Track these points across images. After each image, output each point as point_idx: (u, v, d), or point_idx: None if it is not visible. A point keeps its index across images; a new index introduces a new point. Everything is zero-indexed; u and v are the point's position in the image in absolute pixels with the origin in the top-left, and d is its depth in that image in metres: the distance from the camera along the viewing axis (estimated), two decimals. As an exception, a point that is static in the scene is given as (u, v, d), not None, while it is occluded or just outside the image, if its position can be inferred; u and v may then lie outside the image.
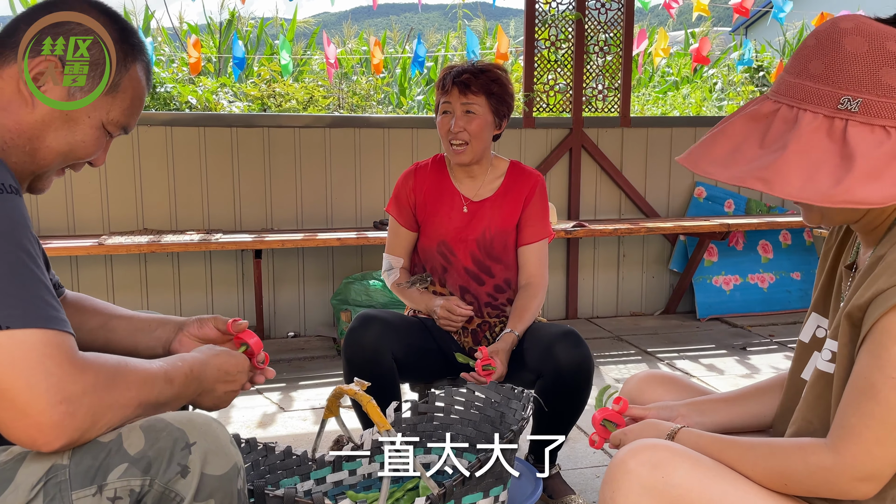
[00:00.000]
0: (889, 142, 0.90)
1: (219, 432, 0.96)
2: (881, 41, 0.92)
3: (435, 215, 2.07)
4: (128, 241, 3.23)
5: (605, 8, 4.01)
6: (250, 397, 2.94)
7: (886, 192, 0.88)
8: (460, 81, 1.96)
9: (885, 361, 0.91)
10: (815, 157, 0.90)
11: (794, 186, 0.89)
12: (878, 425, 0.91)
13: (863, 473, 0.92)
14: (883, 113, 0.90)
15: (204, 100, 5.10)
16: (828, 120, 0.91)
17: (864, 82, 0.91)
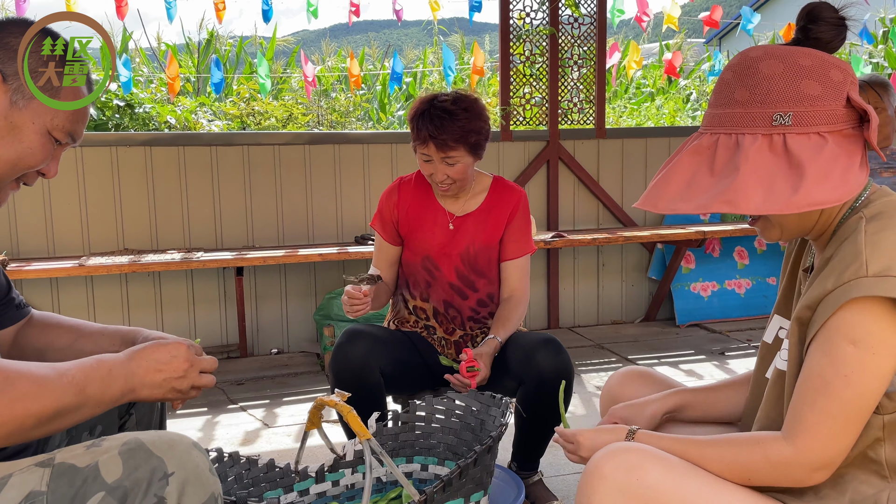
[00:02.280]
0: (827, 145, 0.97)
1: (198, 460, 0.95)
2: (793, 58, 0.99)
3: (419, 230, 2.09)
4: (108, 262, 3.23)
5: (578, 23, 4.08)
6: (234, 414, 2.94)
7: (839, 190, 0.95)
8: (438, 140, 1.91)
9: (837, 359, 0.96)
10: (766, 171, 0.96)
11: (757, 201, 0.94)
12: (833, 421, 0.96)
13: (819, 464, 0.98)
14: (814, 120, 0.97)
15: (183, 119, 5.12)
16: (767, 137, 0.98)
17: (789, 96, 0.98)
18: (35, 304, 3.46)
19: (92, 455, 0.93)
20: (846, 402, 0.95)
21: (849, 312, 0.94)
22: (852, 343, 0.94)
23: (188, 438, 0.98)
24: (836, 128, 0.98)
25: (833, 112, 0.98)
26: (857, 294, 0.93)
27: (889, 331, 0.94)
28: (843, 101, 0.98)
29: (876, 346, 0.93)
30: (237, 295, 3.57)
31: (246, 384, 3.32)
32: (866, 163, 1.00)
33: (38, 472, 0.92)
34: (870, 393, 0.95)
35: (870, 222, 0.98)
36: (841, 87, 0.98)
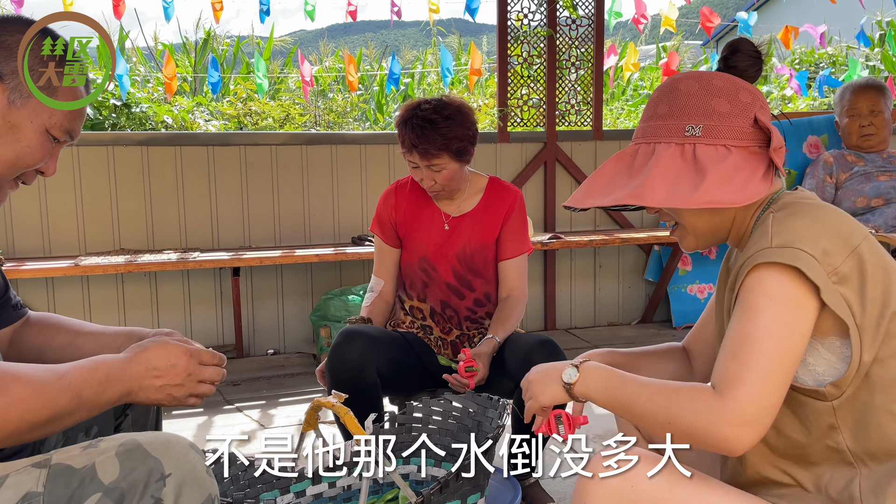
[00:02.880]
0: (731, 156, 1.08)
1: (195, 461, 0.95)
2: (708, 79, 1.12)
3: (416, 231, 2.10)
4: (104, 262, 3.22)
5: (576, 24, 4.09)
6: (229, 415, 2.94)
7: (737, 193, 1.05)
8: (421, 148, 1.93)
9: (754, 313, 1.00)
10: (673, 173, 1.08)
11: (661, 196, 1.06)
12: (756, 371, 0.97)
13: (744, 418, 0.96)
14: (722, 134, 1.09)
15: (180, 119, 5.11)
16: (679, 146, 1.10)
17: (701, 111, 1.10)
18: (30, 303, 3.44)
19: (88, 456, 0.92)
20: (767, 353, 0.97)
21: (761, 273, 1.00)
22: (768, 297, 0.99)
23: (185, 439, 0.98)
24: (742, 143, 1.09)
25: (740, 129, 1.09)
26: (764, 260, 1.00)
27: (800, 292, 0.98)
28: (751, 121, 1.09)
29: (790, 302, 0.98)
30: (233, 295, 3.56)
31: (242, 385, 3.32)
32: (771, 177, 1.09)
33: (35, 472, 0.92)
34: (789, 346, 0.98)
35: (777, 212, 1.07)
36: (749, 107, 1.10)
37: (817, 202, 1.10)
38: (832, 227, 1.02)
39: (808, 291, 0.98)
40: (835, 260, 0.99)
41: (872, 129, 2.83)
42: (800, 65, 7.90)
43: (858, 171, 2.79)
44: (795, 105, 6.81)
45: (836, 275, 0.99)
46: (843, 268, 0.99)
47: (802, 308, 0.98)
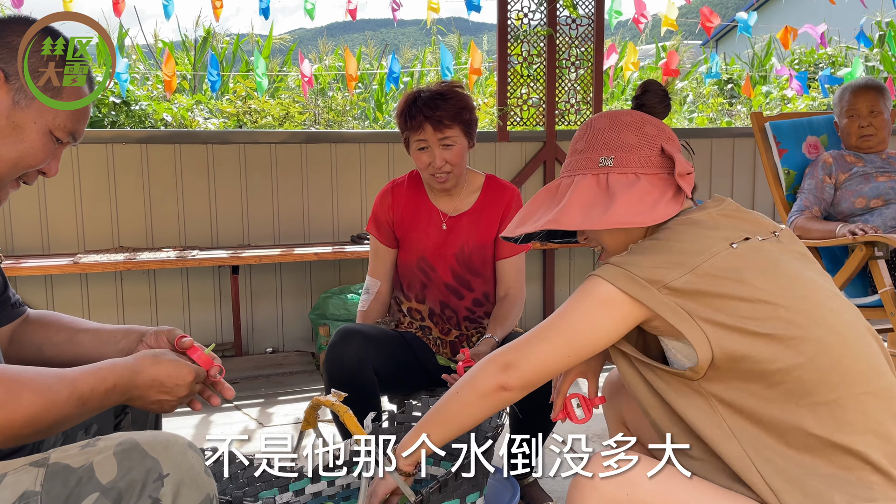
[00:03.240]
0: (640, 182, 1.20)
1: (193, 461, 0.95)
2: (618, 116, 1.27)
3: (413, 231, 2.09)
4: (103, 260, 3.22)
5: (576, 24, 4.09)
6: (228, 413, 2.94)
7: (644, 215, 1.18)
8: (434, 118, 1.94)
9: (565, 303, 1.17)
10: (588, 200, 1.21)
11: (576, 219, 1.19)
12: (534, 332, 1.17)
13: (503, 361, 1.16)
14: (631, 163, 1.22)
15: (179, 117, 5.10)
16: (594, 176, 1.23)
17: (612, 144, 1.24)
18: (29, 301, 3.44)
19: (87, 455, 0.92)
20: (552, 323, 1.15)
21: (588, 280, 1.16)
22: (581, 293, 1.15)
23: (183, 439, 0.98)
24: (650, 171, 1.21)
25: (648, 158, 1.22)
26: (596, 272, 1.15)
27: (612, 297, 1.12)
28: (658, 151, 1.22)
29: (597, 300, 1.13)
30: (232, 293, 3.56)
31: (241, 383, 3.32)
32: (680, 201, 1.20)
33: (33, 471, 0.92)
34: (576, 327, 1.13)
35: (649, 238, 1.19)
36: (655, 139, 1.23)
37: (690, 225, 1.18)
38: (675, 249, 1.14)
39: (625, 300, 1.12)
40: (665, 277, 1.11)
41: (872, 130, 2.83)
42: (799, 65, 7.90)
43: (858, 172, 2.79)
44: (795, 105, 6.82)
45: (668, 289, 1.10)
46: (676, 283, 1.10)
47: (607, 307, 1.13)
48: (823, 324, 1.10)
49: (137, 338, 1.30)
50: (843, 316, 1.13)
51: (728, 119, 6.99)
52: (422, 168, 2.02)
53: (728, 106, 7.37)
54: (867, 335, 1.14)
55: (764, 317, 1.08)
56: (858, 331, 1.13)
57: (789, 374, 1.07)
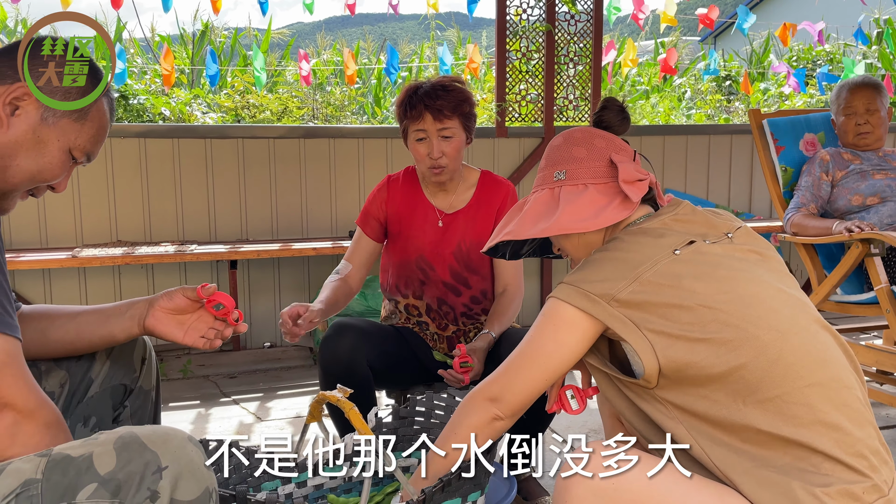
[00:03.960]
0: (588, 192, 1.29)
1: (193, 455, 0.96)
2: (571, 134, 1.36)
3: (409, 228, 2.08)
4: (101, 254, 3.22)
5: (575, 20, 4.09)
6: (226, 408, 2.95)
7: (588, 221, 1.26)
8: (434, 108, 1.95)
9: (532, 327, 1.26)
10: (538, 212, 1.31)
11: (527, 229, 1.29)
12: (508, 363, 1.25)
13: (488, 395, 1.25)
14: (580, 174, 1.31)
15: (177, 111, 5.09)
16: (550, 190, 1.33)
17: (563, 158, 1.34)
18: (27, 295, 3.45)
19: (87, 447, 0.94)
20: (523, 352, 1.24)
21: (551, 300, 1.23)
22: (544, 317, 1.23)
23: (183, 433, 0.99)
24: (600, 181, 1.30)
25: (597, 169, 1.30)
26: (553, 293, 1.23)
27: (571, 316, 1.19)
28: (606, 162, 1.30)
29: (558, 322, 1.20)
30: (230, 288, 3.56)
31: (239, 377, 3.33)
32: (628, 206, 1.27)
33: (35, 460, 0.94)
34: (548, 355, 1.21)
35: (601, 249, 1.26)
36: (604, 151, 1.31)
37: (639, 234, 1.24)
38: (622, 260, 1.21)
39: (582, 317, 1.19)
40: (611, 290, 1.18)
41: (868, 128, 2.84)
42: (797, 62, 7.91)
43: (854, 170, 2.80)
44: (793, 102, 6.83)
45: (616, 300, 1.17)
46: (622, 294, 1.17)
47: (569, 325, 1.20)
48: (760, 323, 1.13)
49: (146, 305, 1.34)
50: (782, 312, 1.16)
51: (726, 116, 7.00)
52: (419, 160, 2.02)
53: (726, 103, 7.38)
54: (813, 326, 1.18)
55: (703, 321, 1.13)
56: (801, 324, 1.16)
57: (732, 375, 1.11)
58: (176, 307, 1.35)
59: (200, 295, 1.34)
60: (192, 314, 1.37)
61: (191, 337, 1.36)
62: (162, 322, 1.34)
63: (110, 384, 1.40)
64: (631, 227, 1.29)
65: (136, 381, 1.44)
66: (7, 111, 1.11)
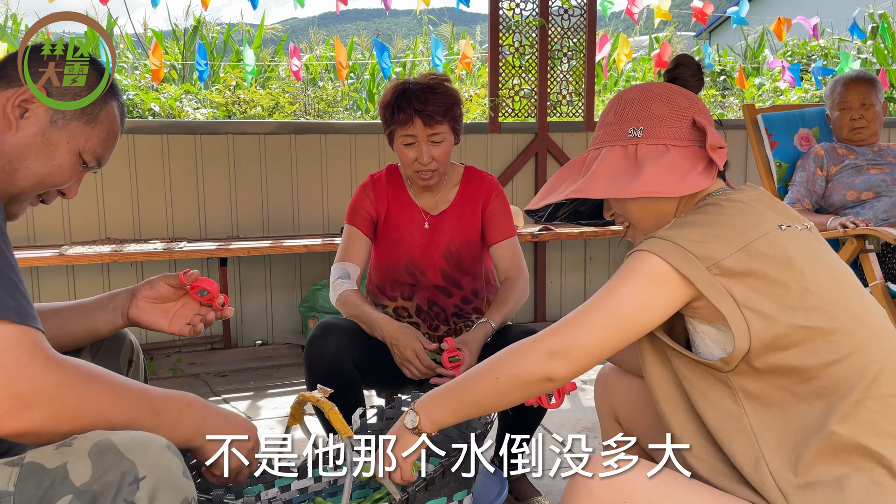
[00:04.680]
0: (670, 153, 1.15)
1: (171, 464, 0.93)
2: (648, 88, 1.23)
3: (396, 231, 2.03)
4: (89, 251, 3.18)
5: (568, 14, 4.06)
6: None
7: (674, 185, 1.12)
8: (426, 114, 1.88)
9: (612, 280, 1.10)
10: (615, 169, 1.16)
11: (602, 187, 1.15)
12: (580, 312, 1.09)
13: (552, 347, 1.07)
14: (662, 134, 1.17)
15: (167, 107, 5.05)
16: (623, 147, 1.18)
17: (641, 115, 1.19)
18: (15, 293, 3.40)
19: (61, 455, 0.90)
20: (601, 303, 1.07)
21: (635, 254, 1.09)
22: (628, 270, 1.08)
23: (162, 440, 0.95)
24: (681, 143, 1.16)
25: (679, 130, 1.17)
26: (642, 247, 1.08)
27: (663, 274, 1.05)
28: (689, 123, 1.17)
29: (646, 277, 1.06)
30: (221, 286, 3.52)
31: (229, 376, 3.29)
32: (712, 173, 1.14)
33: (7, 471, 0.90)
34: (625, 307, 1.06)
35: (693, 212, 1.13)
36: (687, 111, 1.18)
37: (735, 202, 1.14)
38: (727, 225, 1.08)
39: (675, 278, 1.05)
40: (716, 254, 1.04)
41: (863, 123, 2.82)
42: (792, 57, 7.90)
43: (849, 165, 2.78)
44: (787, 97, 6.81)
45: (718, 268, 1.04)
46: (728, 262, 1.04)
47: (657, 284, 1.05)
48: (858, 321, 1.05)
49: (128, 295, 1.33)
50: (875, 314, 1.09)
51: (720, 111, 6.98)
52: (406, 164, 1.96)
53: (721, 98, 7.36)
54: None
55: (807, 307, 1.03)
56: (890, 329, 1.09)
57: (823, 370, 1.03)
58: (159, 295, 1.33)
59: (183, 282, 1.33)
60: (175, 302, 1.36)
61: (176, 325, 1.35)
62: (146, 312, 1.33)
63: None
64: (718, 196, 1.16)
65: None
66: (16, 114, 1.11)
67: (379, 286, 2.08)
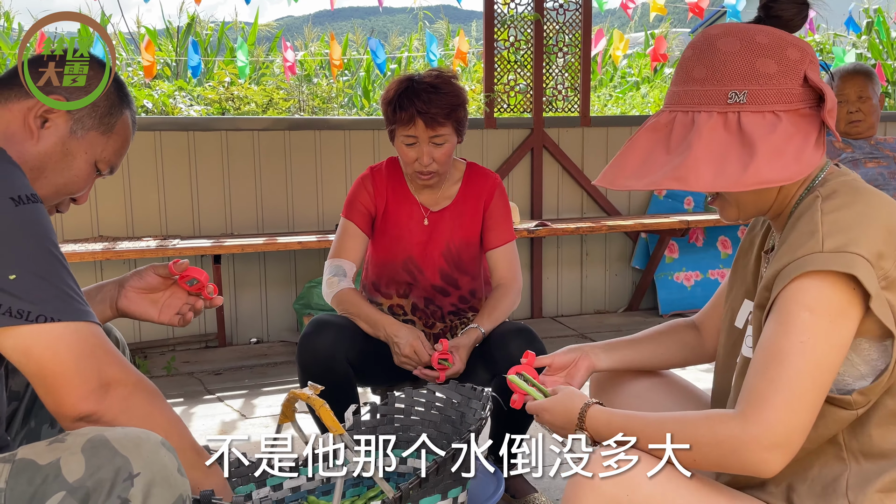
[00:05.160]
0: (781, 124, 0.96)
1: (166, 460, 0.92)
2: (751, 36, 0.99)
3: (395, 227, 2.00)
4: (81, 249, 3.16)
5: (564, 9, 4.04)
6: (210, 405, 2.89)
7: (791, 168, 0.95)
8: (428, 116, 1.83)
9: (790, 327, 0.92)
10: (718, 149, 0.96)
11: (707, 179, 0.95)
12: (787, 390, 0.90)
13: (771, 441, 0.90)
14: (769, 99, 0.97)
15: (160, 103, 5.01)
16: (721, 115, 0.98)
17: (745, 75, 0.98)
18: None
19: (54, 452, 0.89)
20: (801, 370, 0.90)
21: (805, 282, 0.92)
22: (808, 310, 0.91)
23: (156, 436, 0.94)
24: (791, 107, 0.98)
25: (789, 91, 0.98)
26: (813, 268, 0.92)
27: (846, 302, 0.91)
28: (800, 81, 0.98)
29: (833, 315, 0.91)
30: (215, 283, 3.50)
31: (224, 374, 3.27)
32: (823, 143, 0.99)
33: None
34: (827, 363, 0.91)
35: (826, 200, 0.97)
36: (798, 65, 0.98)
37: (863, 186, 1.00)
38: (885, 222, 0.94)
39: (854, 299, 0.91)
40: (886, 263, 0.92)
41: (860, 116, 2.80)
42: (787, 52, 7.88)
43: (846, 158, 2.77)
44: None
45: (886, 279, 0.92)
46: (894, 271, 0.92)
47: (845, 319, 0.91)
48: None
49: (116, 286, 1.34)
50: None
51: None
52: (407, 163, 1.93)
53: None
54: None
55: None
56: None
57: None
58: (148, 286, 1.34)
59: (173, 271, 1.33)
60: (164, 292, 1.36)
61: (166, 315, 1.36)
62: (135, 302, 1.33)
63: None
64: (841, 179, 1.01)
65: None
66: (37, 124, 1.12)
67: (374, 282, 2.05)
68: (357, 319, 1.89)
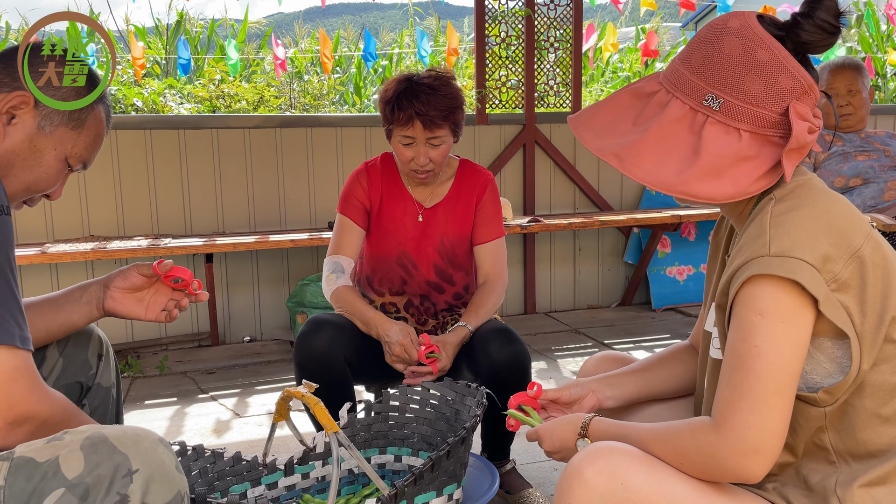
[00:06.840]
0: (739, 144, 0.96)
1: (164, 457, 0.93)
2: (753, 47, 0.97)
3: (390, 221, 2.01)
4: (72, 249, 3.14)
5: (554, 4, 4.03)
6: (204, 404, 2.88)
7: (723, 190, 0.95)
8: (427, 118, 1.83)
9: (745, 332, 0.93)
10: (670, 144, 0.97)
11: (643, 170, 0.96)
12: (750, 395, 0.91)
13: (747, 446, 0.91)
14: (740, 117, 0.97)
15: (150, 102, 4.99)
16: (692, 112, 0.98)
17: (728, 84, 0.97)
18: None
19: (52, 449, 0.89)
20: (760, 374, 0.91)
21: (755, 286, 0.93)
22: (760, 314, 0.92)
23: (154, 434, 0.95)
24: (759, 131, 0.97)
25: (764, 117, 0.97)
26: (759, 272, 0.92)
27: (797, 304, 0.92)
28: (781, 111, 0.97)
29: (785, 316, 0.91)
30: (207, 282, 3.49)
31: (217, 373, 3.26)
32: (780, 172, 0.98)
33: None
34: (785, 364, 0.92)
35: (777, 203, 0.97)
36: (785, 95, 0.96)
37: (817, 188, 1.00)
38: (834, 225, 0.94)
39: (805, 301, 0.92)
40: (835, 266, 0.92)
41: (850, 109, 2.81)
42: (778, 46, 7.90)
43: (837, 151, 2.78)
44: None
45: (836, 282, 0.92)
46: (843, 273, 0.92)
47: (798, 318, 0.92)
48: None
49: (100, 287, 1.34)
50: None
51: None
52: (403, 161, 1.93)
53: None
54: None
55: None
56: None
57: None
58: (132, 285, 1.35)
59: (158, 272, 1.34)
60: (149, 290, 1.38)
61: (153, 312, 1.37)
62: (121, 302, 1.34)
63: (64, 382, 1.35)
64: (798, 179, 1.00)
65: (93, 378, 1.39)
66: (3, 120, 1.10)
67: (368, 276, 2.05)
68: (352, 317, 1.89)
